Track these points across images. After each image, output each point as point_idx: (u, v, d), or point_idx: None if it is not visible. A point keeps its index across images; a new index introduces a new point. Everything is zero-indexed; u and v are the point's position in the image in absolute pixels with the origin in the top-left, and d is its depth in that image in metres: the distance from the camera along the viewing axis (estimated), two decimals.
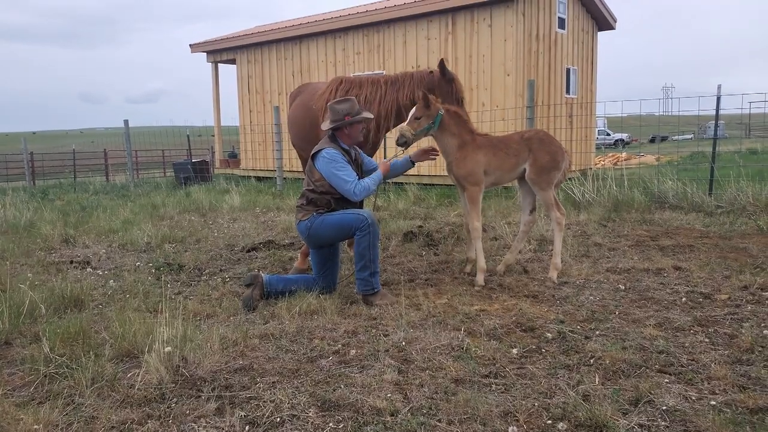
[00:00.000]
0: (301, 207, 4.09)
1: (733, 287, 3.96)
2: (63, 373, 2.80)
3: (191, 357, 2.90)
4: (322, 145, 4.09)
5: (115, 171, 22.03)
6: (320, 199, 4.02)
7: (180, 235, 6.48)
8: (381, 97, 4.79)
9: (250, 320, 3.61)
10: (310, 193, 4.06)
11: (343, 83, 4.98)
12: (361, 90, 4.84)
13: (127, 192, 11.96)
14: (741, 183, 7.11)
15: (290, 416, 2.39)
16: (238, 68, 15.00)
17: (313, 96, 5.28)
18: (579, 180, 8.05)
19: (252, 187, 11.38)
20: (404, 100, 4.74)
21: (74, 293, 4.03)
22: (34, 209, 8.66)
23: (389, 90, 4.78)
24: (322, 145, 4.09)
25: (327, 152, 3.99)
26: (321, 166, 3.99)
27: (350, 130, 4.10)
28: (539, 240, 5.67)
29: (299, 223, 4.07)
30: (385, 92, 4.79)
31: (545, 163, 4.21)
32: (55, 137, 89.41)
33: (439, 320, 3.47)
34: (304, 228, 4.04)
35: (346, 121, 4.02)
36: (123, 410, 2.48)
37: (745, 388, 2.51)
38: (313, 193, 4.04)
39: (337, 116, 4.05)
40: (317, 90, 5.54)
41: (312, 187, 4.06)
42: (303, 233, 4.08)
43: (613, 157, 20.29)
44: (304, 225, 4.03)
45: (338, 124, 4.02)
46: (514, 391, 2.56)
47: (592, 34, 13.18)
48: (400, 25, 11.50)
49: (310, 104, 5.18)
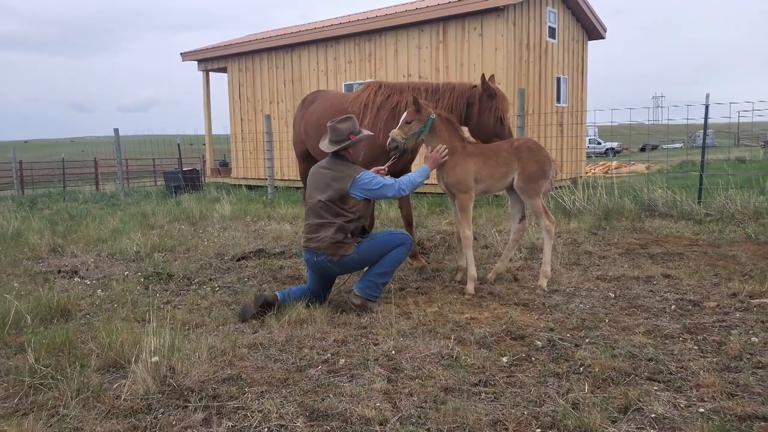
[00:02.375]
0: (341, 243, 3.83)
1: (721, 295, 3.98)
2: (48, 384, 2.76)
3: (179, 367, 2.86)
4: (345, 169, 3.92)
5: (106, 180, 21.90)
6: (356, 227, 3.93)
7: (170, 244, 6.43)
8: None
9: (239, 330, 3.58)
10: (348, 224, 3.85)
11: (382, 87, 4.95)
12: (402, 96, 4.79)
13: (117, 201, 11.88)
14: (730, 191, 7.19)
15: (278, 426, 2.37)
16: (230, 77, 15.01)
17: (342, 100, 5.21)
18: (570, 188, 8.09)
19: (243, 196, 11.35)
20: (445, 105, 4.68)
21: (61, 303, 3.98)
22: (22, 218, 8.58)
23: (429, 98, 4.72)
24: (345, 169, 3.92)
25: (360, 179, 3.87)
26: (362, 193, 3.90)
27: (354, 149, 4.05)
28: (530, 248, 5.68)
29: (342, 259, 3.84)
30: (425, 99, 4.69)
31: (533, 172, 4.24)
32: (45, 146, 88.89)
33: (429, 329, 3.46)
34: (350, 260, 3.86)
35: (352, 141, 3.95)
36: (108, 421, 2.44)
37: (733, 395, 2.51)
38: (351, 223, 3.87)
39: (341, 136, 3.95)
40: (340, 96, 5.48)
41: (348, 217, 3.86)
42: (345, 265, 3.90)
43: (604, 165, 20.44)
44: (350, 257, 3.86)
45: (344, 144, 3.94)
46: (503, 399, 2.55)
47: (582, 44, 13.32)
48: (392, 34, 11.58)
49: (342, 108, 5.08)
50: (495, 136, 4.69)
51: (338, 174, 3.92)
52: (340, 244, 3.84)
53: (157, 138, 21.40)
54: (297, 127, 5.87)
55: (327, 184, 3.92)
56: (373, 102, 4.91)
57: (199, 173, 14.71)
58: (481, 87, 4.67)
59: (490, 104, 4.64)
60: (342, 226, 3.85)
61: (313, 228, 3.93)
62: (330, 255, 3.84)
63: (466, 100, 4.69)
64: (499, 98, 4.67)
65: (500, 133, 4.68)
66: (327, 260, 3.86)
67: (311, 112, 5.55)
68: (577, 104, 13.07)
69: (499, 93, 4.71)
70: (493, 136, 4.70)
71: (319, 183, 3.97)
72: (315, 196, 3.95)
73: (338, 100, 5.33)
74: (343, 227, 3.85)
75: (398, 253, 3.99)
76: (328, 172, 3.97)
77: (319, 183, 3.97)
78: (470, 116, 4.74)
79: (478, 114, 4.69)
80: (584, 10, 12.57)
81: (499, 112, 4.63)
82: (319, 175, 4.00)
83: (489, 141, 4.69)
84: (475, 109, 4.68)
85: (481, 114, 4.68)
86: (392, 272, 4.05)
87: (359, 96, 5.04)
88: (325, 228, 3.86)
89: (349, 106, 5.04)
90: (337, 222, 3.85)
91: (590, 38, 13.58)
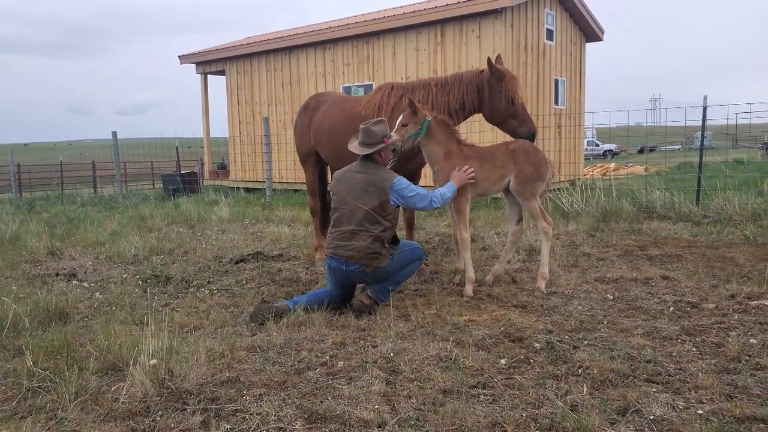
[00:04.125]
0: (378, 254, 3.73)
1: (720, 296, 3.98)
2: (46, 387, 2.76)
3: (177, 369, 2.86)
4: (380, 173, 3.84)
5: (104, 183, 21.87)
6: (390, 236, 3.87)
7: (168, 247, 6.42)
8: (433, 100, 4.69)
9: (238, 332, 3.57)
10: (384, 234, 3.77)
11: (395, 89, 4.94)
12: (414, 94, 4.76)
13: (115, 204, 11.87)
14: (728, 193, 7.20)
15: (277, 429, 2.36)
16: (228, 79, 15.01)
17: (353, 105, 5.18)
18: (568, 190, 8.11)
19: (241, 199, 11.34)
20: (454, 103, 4.66)
21: (59, 306, 3.97)
22: (20, 221, 8.56)
23: (440, 93, 4.69)
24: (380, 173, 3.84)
25: (396, 184, 3.81)
26: (396, 199, 3.85)
27: (386, 152, 4.00)
28: (528, 250, 5.69)
29: (375, 270, 3.76)
30: (437, 95, 4.69)
31: (529, 175, 4.24)
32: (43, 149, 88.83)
33: (427, 331, 3.46)
34: (382, 272, 3.80)
35: (386, 144, 3.91)
36: (107, 424, 2.44)
37: (732, 396, 2.51)
38: (387, 232, 3.79)
39: (375, 139, 3.89)
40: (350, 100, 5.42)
41: (385, 225, 3.77)
42: (377, 276, 3.80)
43: (602, 167, 20.47)
44: (383, 270, 3.79)
45: (379, 147, 3.89)
46: (502, 401, 2.55)
47: (580, 46, 13.35)
48: (390, 36, 11.60)
49: (355, 111, 5.05)
50: (510, 117, 4.61)
51: (374, 178, 3.83)
52: (376, 255, 3.73)
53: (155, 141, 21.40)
54: (303, 134, 5.72)
55: (363, 188, 3.79)
56: (387, 104, 4.89)
57: (197, 176, 14.70)
58: (489, 70, 4.58)
59: (499, 86, 4.56)
60: (379, 236, 3.74)
61: (345, 235, 3.77)
62: (364, 265, 3.73)
63: (475, 87, 4.63)
64: (508, 79, 4.57)
65: (514, 113, 4.60)
66: (359, 270, 3.75)
67: (321, 118, 5.45)
68: (575, 106, 13.09)
69: (507, 73, 4.61)
70: (507, 117, 4.62)
71: (353, 188, 3.82)
72: (349, 201, 3.80)
73: (349, 105, 5.27)
74: (380, 237, 3.76)
75: (415, 265, 4.09)
76: (362, 176, 3.85)
77: (354, 188, 3.82)
78: (482, 102, 4.67)
79: (489, 98, 4.62)
80: (582, 12, 12.60)
81: (509, 93, 4.54)
82: (353, 180, 3.86)
83: (505, 124, 4.65)
84: (485, 94, 4.61)
85: (492, 98, 4.61)
86: (402, 282, 4.12)
87: (372, 99, 5.02)
88: (361, 236, 3.73)
89: (362, 109, 5.00)
90: (374, 231, 3.73)
91: (588, 40, 13.61)
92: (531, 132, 4.60)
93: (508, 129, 4.71)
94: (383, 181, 3.79)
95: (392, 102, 4.87)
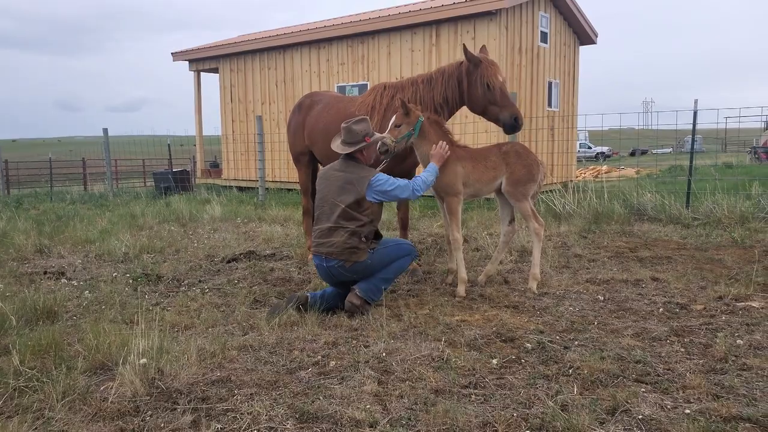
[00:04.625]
0: (356, 248, 3.77)
1: (708, 298, 4.02)
2: (33, 387, 2.73)
3: (167, 369, 2.85)
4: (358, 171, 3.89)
5: (94, 180, 21.71)
6: (370, 231, 3.88)
7: (159, 246, 6.39)
8: (420, 98, 4.66)
9: (229, 332, 3.56)
10: (361, 229, 3.80)
11: (387, 89, 4.92)
12: (403, 92, 4.74)
13: (105, 201, 11.78)
14: (717, 196, 7.27)
15: (268, 428, 2.36)
16: (221, 77, 14.95)
17: (348, 105, 5.17)
18: (560, 192, 8.15)
19: (233, 198, 11.29)
20: (438, 98, 4.61)
21: (47, 304, 3.92)
22: (7, 219, 8.47)
23: (425, 89, 4.66)
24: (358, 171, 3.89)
25: (375, 181, 3.85)
26: (377, 196, 3.89)
27: (367, 151, 4.03)
28: (520, 251, 5.71)
29: (354, 265, 3.79)
30: (423, 92, 4.67)
31: (521, 176, 4.26)
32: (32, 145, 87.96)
33: (420, 331, 3.47)
34: (362, 266, 3.81)
35: (367, 143, 3.94)
36: (95, 424, 2.42)
37: (718, 396, 2.54)
38: (365, 227, 3.82)
39: (356, 137, 3.93)
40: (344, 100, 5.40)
41: (362, 221, 3.81)
42: (357, 272, 3.83)
43: (594, 169, 20.60)
44: (362, 264, 3.81)
45: (359, 146, 3.93)
46: (493, 401, 2.56)
47: (574, 49, 13.43)
48: (384, 36, 11.60)
49: (349, 111, 5.04)
50: (490, 103, 4.49)
51: (352, 176, 3.87)
52: (354, 250, 3.78)
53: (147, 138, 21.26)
54: (296, 133, 5.73)
55: (341, 186, 3.85)
56: (380, 104, 4.89)
57: (189, 174, 14.63)
58: (466, 59, 4.49)
59: (476, 74, 4.44)
60: (355, 231, 3.79)
61: (324, 232, 3.85)
62: (342, 260, 3.78)
63: (456, 79, 4.56)
64: (484, 65, 4.44)
65: (493, 99, 4.47)
66: (338, 265, 3.80)
67: (315, 118, 5.44)
68: (568, 109, 13.16)
69: (484, 59, 4.48)
70: (487, 104, 4.51)
71: (332, 186, 3.90)
72: (328, 198, 3.88)
73: (344, 105, 5.27)
74: (357, 232, 3.80)
75: (404, 262, 4.04)
76: (341, 174, 3.91)
77: (332, 186, 3.89)
78: (462, 93, 4.58)
79: (468, 88, 4.53)
80: (576, 15, 12.67)
81: (484, 79, 4.41)
82: (332, 178, 3.93)
83: (487, 113, 4.54)
84: (464, 85, 4.54)
85: (470, 88, 4.51)
86: (394, 279, 4.07)
87: (365, 99, 5.02)
88: (338, 233, 3.79)
89: (356, 110, 5.00)
90: (350, 227, 3.79)
91: (582, 43, 13.69)
92: (513, 116, 4.46)
93: (491, 117, 4.60)
94: (361, 179, 3.85)
95: (384, 102, 4.87)
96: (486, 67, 4.43)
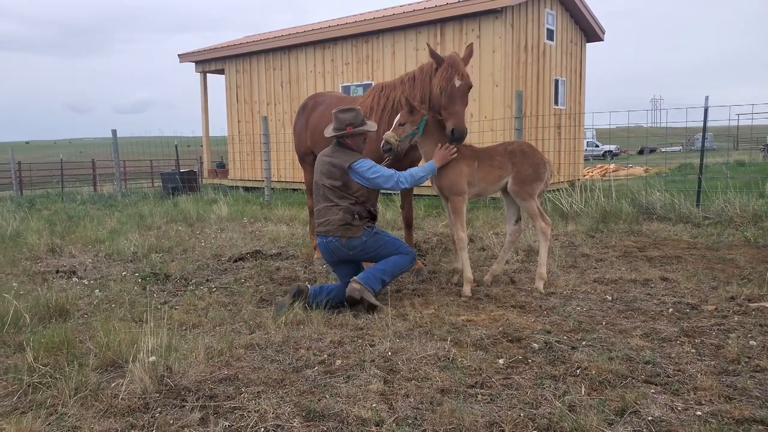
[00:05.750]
0: (350, 225, 3.98)
1: (720, 298, 3.98)
2: (46, 383, 2.76)
3: (176, 367, 2.86)
4: (342, 156, 4.07)
5: (103, 181, 21.87)
6: (363, 210, 4.06)
7: (167, 245, 6.43)
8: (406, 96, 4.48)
9: (236, 330, 3.57)
10: (353, 207, 4.02)
11: (384, 89, 4.94)
12: (395, 92, 4.75)
13: (114, 202, 11.87)
14: (728, 194, 7.19)
15: (274, 426, 2.36)
16: (227, 78, 15.01)
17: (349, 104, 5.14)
18: (567, 191, 8.10)
19: (240, 198, 11.34)
20: (418, 97, 4.47)
21: (59, 303, 3.98)
22: (20, 219, 8.56)
23: (409, 88, 4.61)
24: (342, 156, 4.07)
25: (357, 165, 4.00)
26: (360, 179, 4.04)
27: (353, 140, 4.16)
28: (527, 250, 5.69)
29: (350, 240, 3.97)
30: (408, 91, 4.60)
31: (528, 176, 4.23)
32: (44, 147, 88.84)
33: (425, 330, 3.46)
34: (359, 243, 3.99)
35: (348, 132, 4.09)
36: (106, 420, 2.44)
37: (731, 398, 2.51)
38: (357, 206, 4.03)
39: (340, 125, 4.11)
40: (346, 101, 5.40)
41: (353, 199, 4.03)
42: (353, 248, 4.00)
43: (602, 168, 20.48)
44: (358, 240, 3.99)
45: (341, 133, 4.11)
46: (499, 401, 2.55)
47: (581, 46, 13.35)
48: (389, 35, 11.59)
49: None
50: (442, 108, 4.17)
51: (337, 160, 4.08)
52: (348, 226, 3.99)
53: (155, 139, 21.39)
54: (301, 134, 5.77)
55: (327, 170, 4.09)
56: (378, 104, 4.90)
57: (196, 175, 14.70)
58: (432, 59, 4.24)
59: (435, 75, 4.21)
60: (348, 208, 4.01)
61: (321, 211, 4.10)
62: (339, 236, 3.98)
63: (428, 78, 4.41)
64: (444, 66, 4.15)
65: (445, 105, 4.13)
66: (336, 241, 3.99)
67: (318, 119, 5.47)
68: (574, 107, 13.09)
69: (446, 60, 4.18)
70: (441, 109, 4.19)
71: (322, 169, 4.14)
72: (320, 181, 4.13)
73: (345, 105, 5.30)
74: (350, 209, 4.01)
75: (402, 259, 4.09)
76: (328, 159, 4.14)
77: (323, 169, 4.13)
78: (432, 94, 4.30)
79: (430, 89, 4.29)
80: (583, 12, 12.60)
81: (439, 81, 4.12)
82: (322, 162, 4.17)
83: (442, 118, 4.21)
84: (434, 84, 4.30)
85: (431, 89, 4.27)
86: (392, 274, 4.07)
87: (365, 101, 5.03)
88: (333, 210, 4.03)
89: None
90: (342, 204, 4.02)
91: (588, 40, 13.61)
92: (454, 128, 4.09)
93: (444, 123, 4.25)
94: (343, 162, 4.04)
95: (382, 103, 4.87)
96: (444, 69, 4.15)
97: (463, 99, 4.19)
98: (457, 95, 4.15)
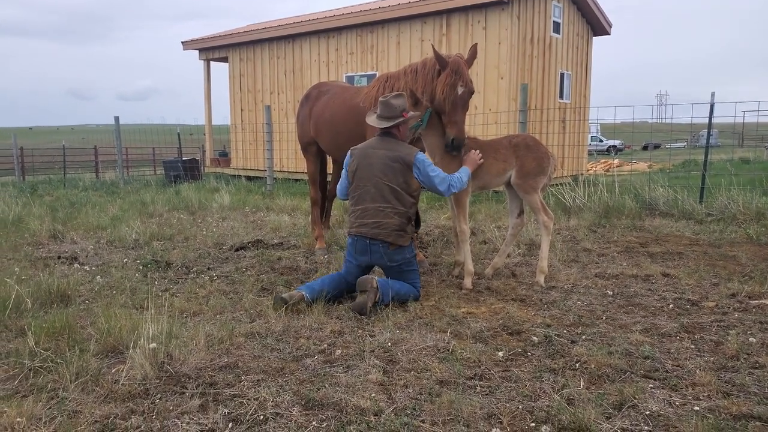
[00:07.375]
0: (404, 232, 3.69)
1: (720, 295, 3.98)
2: (47, 367, 2.78)
3: (176, 354, 2.88)
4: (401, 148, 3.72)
5: (105, 168, 21.88)
6: (413, 213, 3.79)
7: (168, 233, 6.44)
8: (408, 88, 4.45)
9: (237, 318, 3.58)
10: (410, 210, 3.71)
11: (388, 80, 4.83)
12: (398, 83, 4.65)
13: (116, 189, 11.88)
14: (732, 191, 7.17)
15: (274, 414, 2.38)
16: (230, 66, 14.95)
17: (353, 95, 5.12)
18: (570, 185, 8.08)
19: (242, 187, 11.34)
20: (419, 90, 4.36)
21: (61, 288, 3.99)
22: (22, 204, 8.58)
23: (411, 80, 4.50)
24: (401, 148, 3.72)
25: (421, 158, 3.71)
26: (419, 173, 3.74)
27: (403, 128, 3.90)
28: (528, 244, 5.68)
29: (396, 251, 3.68)
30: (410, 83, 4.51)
31: (531, 169, 4.22)
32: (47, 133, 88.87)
33: (425, 322, 3.47)
34: (401, 258, 3.71)
35: (405, 119, 3.82)
36: (107, 405, 2.46)
37: (729, 394, 2.52)
38: (411, 209, 3.71)
39: (394, 112, 3.80)
40: (350, 91, 5.35)
41: (412, 201, 3.71)
42: (394, 261, 3.70)
43: (605, 163, 20.41)
44: (402, 255, 3.72)
45: (397, 121, 3.78)
46: (498, 393, 2.56)
47: (587, 39, 13.26)
48: (394, 25, 11.52)
49: (354, 102, 4.99)
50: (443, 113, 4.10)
51: (397, 154, 3.73)
52: (402, 233, 3.71)
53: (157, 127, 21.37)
54: (304, 124, 5.73)
55: (387, 164, 3.70)
56: (383, 94, 4.88)
57: (198, 163, 14.70)
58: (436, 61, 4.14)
59: (440, 81, 4.08)
60: (405, 213, 3.73)
61: (370, 213, 3.71)
62: (388, 242, 3.68)
63: (431, 75, 4.33)
64: (447, 71, 4.04)
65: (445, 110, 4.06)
66: (382, 247, 3.70)
67: (322, 108, 5.43)
68: (580, 101, 13.03)
69: (451, 65, 4.04)
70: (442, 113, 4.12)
71: (376, 164, 3.73)
72: (373, 178, 3.72)
73: (350, 95, 5.24)
74: (407, 214, 3.74)
75: (412, 292, 3.84)
76: (383, 152, 3.76)
77: (376, 164, 3.73)
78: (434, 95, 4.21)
79: (433, 89, 4.19)
80: (590, 5, 12.50)
81: (443, 86, 4.02)
82: (374, 156, 3.76)
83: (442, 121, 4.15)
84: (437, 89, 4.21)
85: (435, 88, 4.15)
86: (398, 298, 3.75)
87: (370, 91, 5.00)
88: (387, 214, 3.69)
89: (361, 101, 4.98)
90: (400, 208, 3.71)
91: (595, 34, 13.52)
92: (454, 138, 4.07)
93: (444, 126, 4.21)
94: (407, 156, 3.71)
95: (387, 93, 4.84)
96: (447, 74, 4.05)
97: (465, 106, 4.18)
98: (459, 103, 4.10)
